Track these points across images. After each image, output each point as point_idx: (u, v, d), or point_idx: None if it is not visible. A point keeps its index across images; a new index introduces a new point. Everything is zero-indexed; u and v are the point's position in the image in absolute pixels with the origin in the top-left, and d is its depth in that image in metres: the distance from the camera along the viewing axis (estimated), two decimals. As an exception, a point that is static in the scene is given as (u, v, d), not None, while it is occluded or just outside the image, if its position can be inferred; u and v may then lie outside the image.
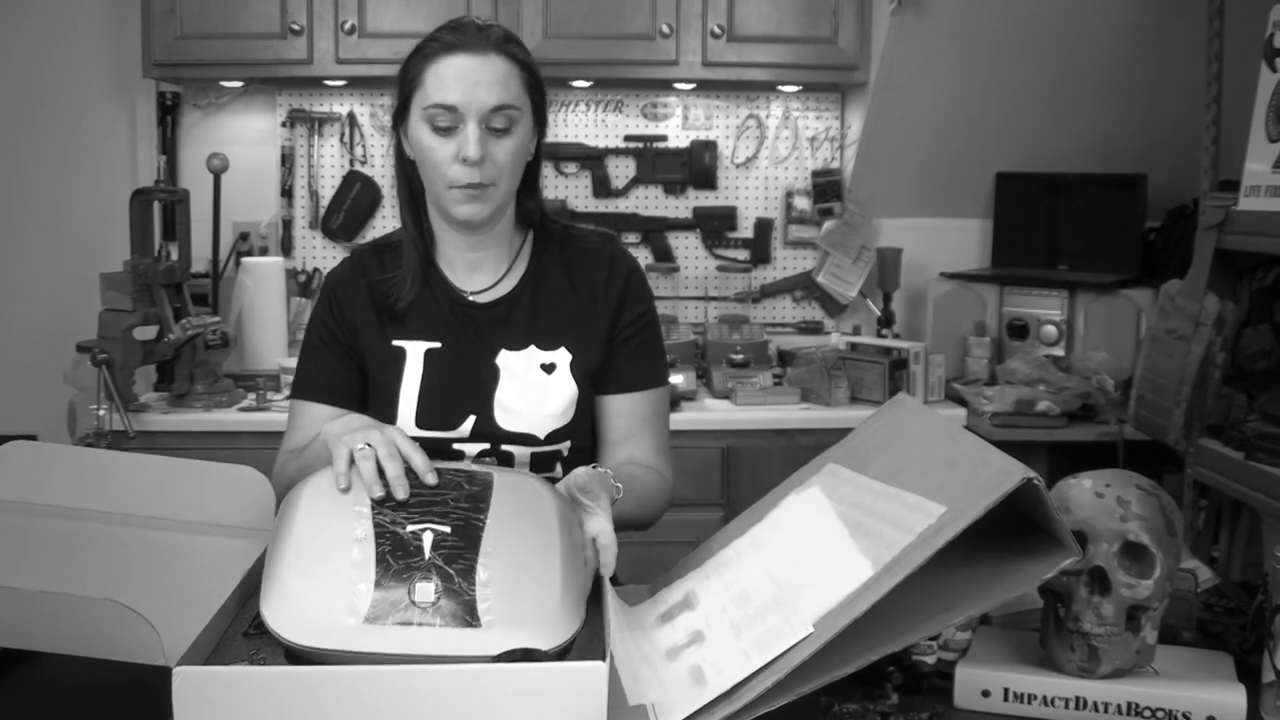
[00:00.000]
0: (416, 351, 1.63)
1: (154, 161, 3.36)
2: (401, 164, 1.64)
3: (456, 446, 1.60)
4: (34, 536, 1.40)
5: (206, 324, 2.90)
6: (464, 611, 1.14)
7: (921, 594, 1.12)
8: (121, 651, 1.12)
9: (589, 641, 1.16)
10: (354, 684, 1.06)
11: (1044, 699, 1.25)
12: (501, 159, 1.54)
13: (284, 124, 3.41)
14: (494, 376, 1.61)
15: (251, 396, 2.94)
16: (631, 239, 3.46)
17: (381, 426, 1.35)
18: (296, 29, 3.05)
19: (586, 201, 3.48)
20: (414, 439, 1.57)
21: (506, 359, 1.62)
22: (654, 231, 3.48)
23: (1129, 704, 1.22)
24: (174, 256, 3.04)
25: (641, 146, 3.46)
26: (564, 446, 1.62)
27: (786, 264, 3.55)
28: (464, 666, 1.08)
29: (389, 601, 1.13)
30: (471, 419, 1.60)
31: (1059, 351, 3.28)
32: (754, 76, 3.18)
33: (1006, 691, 1.26)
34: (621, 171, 3.49)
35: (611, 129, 3.47)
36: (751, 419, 2.96)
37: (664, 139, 3.48)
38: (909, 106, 3.29)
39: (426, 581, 1.16)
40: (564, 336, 1.63)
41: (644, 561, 1.67)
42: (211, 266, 3.19)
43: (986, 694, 1.26)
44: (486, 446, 1.60)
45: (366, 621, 1.12)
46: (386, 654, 1.10)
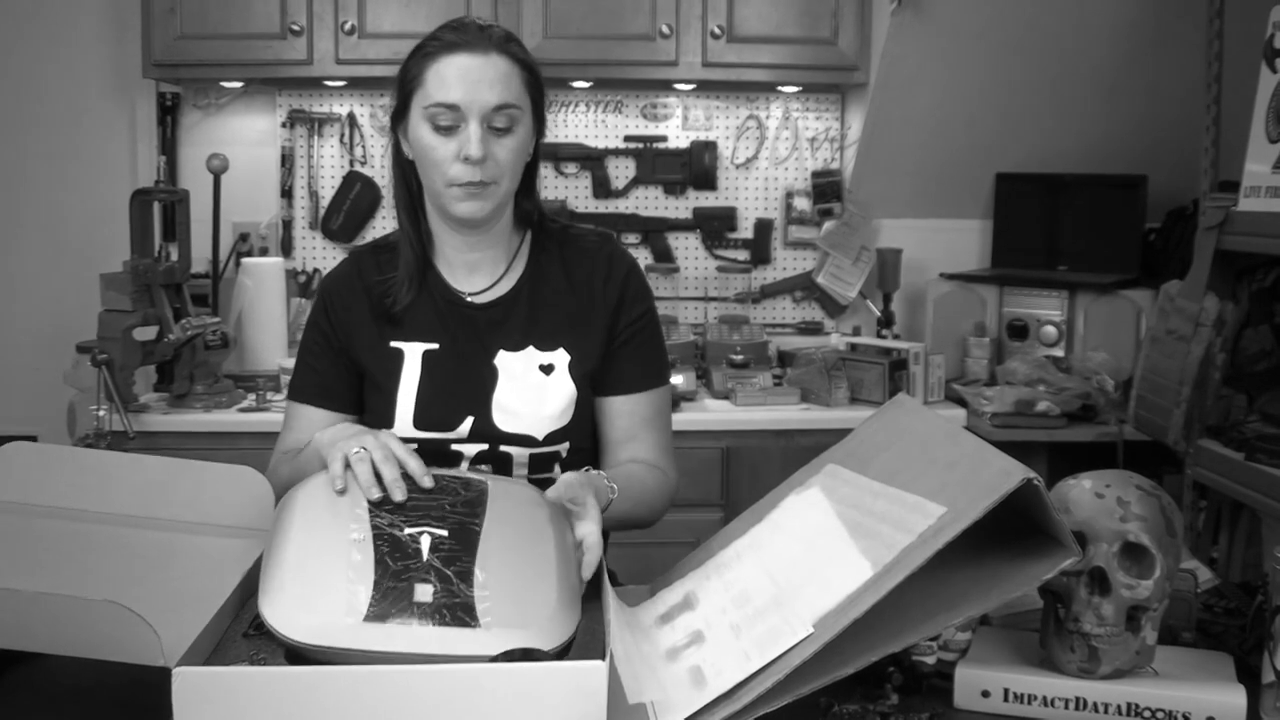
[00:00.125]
0: (414, 353, 1.63)
1: (154, 162, 3.36)
2: (399, 164, 1.64)
3: (455, 447, 1.60)
4: (33, 537, 1.40)
5: (206, 324, 2.89)
6: (463, 612, 1.14)
7: (921, 594, 1.12)
8: (121, 652, 1.12)
9: (588, 641, 1.16)
10: (354, 684, 1.06)
11: (1044, 699, 1.25)
12: (503, 158, 1.54)
13: (284, 124, 3.41)
14: (492, 377, 1.61)
15: (251, 397, 2.94)
16: (631, 239, 3.46)
17: (375, 432, 1.35)
18: (296, 29, 3.05)
19: (586, 202, 3.48)
20: (412, 440, 1.59)
21: (504, 360, 1.62)
22: (654, 232, 3.48)
23: (1129, 704, 1.22)
24: (174, 257, 3.04)
25: (641, 147, 3.46)
26: (562, 448, 1.62)
27: (786, 264, 3.55)
28: (464, 666, 1.08)
29: (388, 601, 1.14)
30: (469, 420, 1.60)
31: (1059, 352, 3.28)
32: (754, 77, 3.18)
33: (1006, 692, 1.26)
34: (621, 172, 3.49)
35: (611, 129, 3.47)
36: (751, 419, 2.96)
37: (664, 139, 3.48)
38: (909, 107, 3.29)
39: (425, 583, 1.16)
40: (562, 337, 1.63)
41: (644, 562, 1.67)
42: (211, 267, 3.19)
43: (986, 694, 1.26)
44: (485, 447, 1.60)
45: (366, 620, 1.12)
46: (387, 652, 1.10)
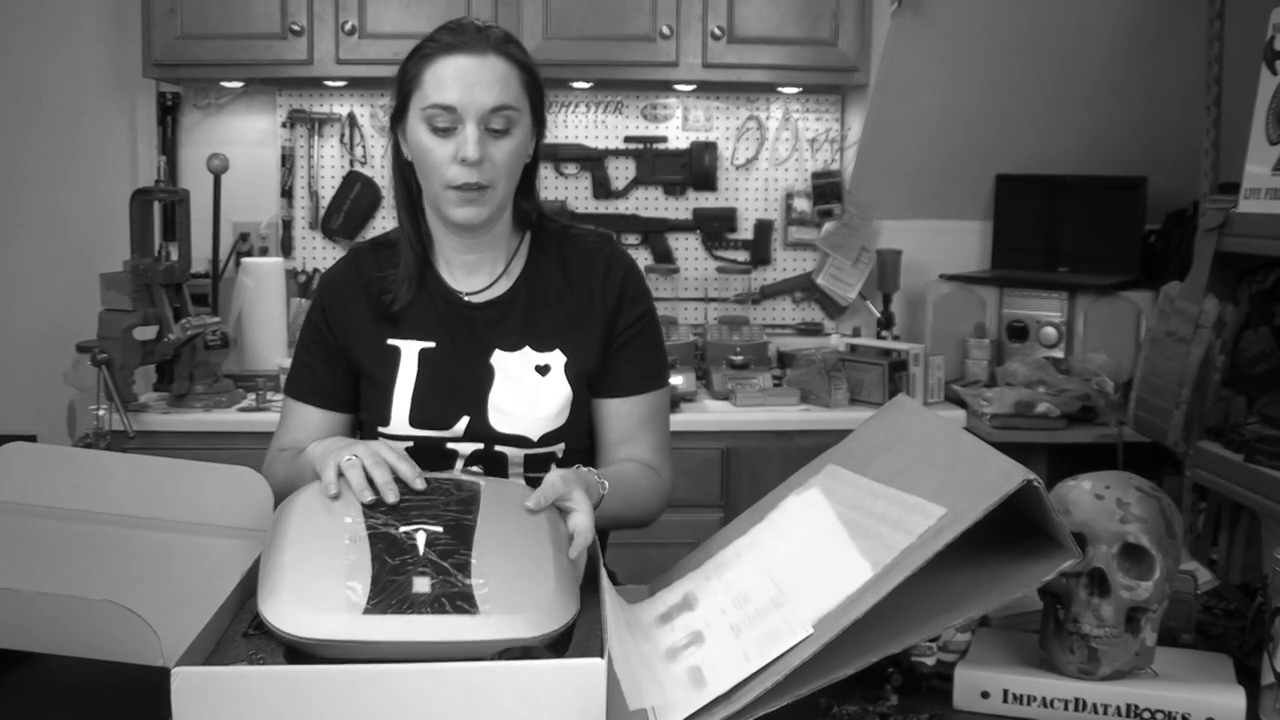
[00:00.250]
0: (411, 351, 1.63)
1: (154, 162, 3.36)
2: (399, 165, 1.63)
3: (450, 446, 1.60)
4: (33, 538, 1.40)
5: (206, 324, 2.89)
6: (462, 600, 1.14)
7: (921, 595, 1.12)
8: (120, 652, 1.12)
9: (587, 639, 1.16)
10: (353, 684, 1.06)
11: (1043, 700, 1.25)
12: (500, 160, 1.54)
13: (284, 124, 3.41)
14: (488, 377, 1.61)
15: (251, 397, 2.94)
16: (631, 240, 3.46)
17: (366, 442, 1.38)
18: (297, 29, 3.05)
19: (586, 203, 3.48)
20: (407, 438, 1.59)
21: (501, 359, 1.62)
22: (654, 233, 3.48)
23: (1128, 706, 1.22)
24: (174, 257, 3.04)
25: (641, 148, 3.46)
26: (558, 449, 1.62)
27: (786, 265, 3.55)
28: (463, 665, 1.08)
29: (387, 594, 1.14)
30: (465, 419, 1.60)
31: (1059, 353, 3.28)
32: (754, 78, 3.18)
33: (1006, 693, 1.26)
34: (621, 173, 3.49)
35: (611, 130, 3.47)
36: (751, 420, 2.96)
37: (664, 140, 3.48)
38: (909, 108, 3.29)
39: (422, 576, 1.17)
40: (559, 338, 1.63)
41: (643, 562, 1.67)
42: (211, 267, 3.19)
43: (986, 695, 1.26)
44: (480, 447, 1.60)
45: (366, 613, 1.12)
46: (388, 642, 1.10)
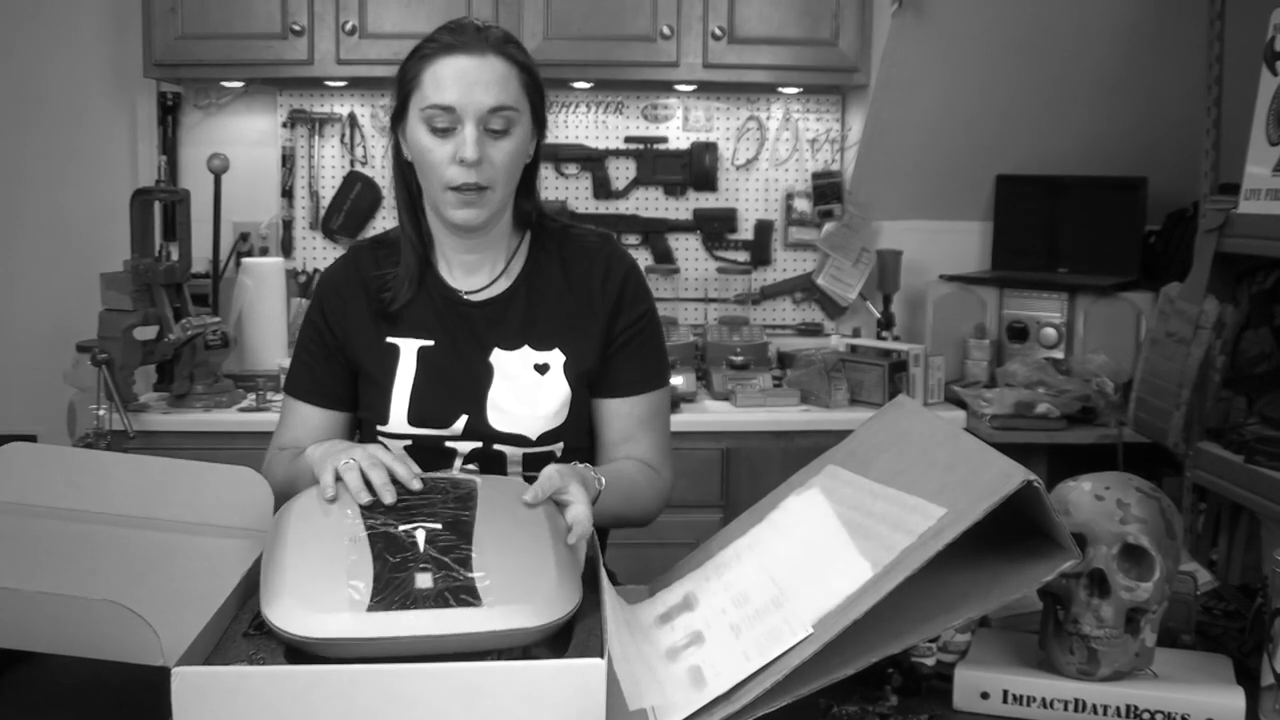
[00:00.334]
0: (410, 349, 1.63)
1: (154, 161, 3.36)
2: (399, 166, 1.63)
3: (449, 445, 1.60)
4: (33, 537, 1.40)
5: (206, 324, 2.89)
6: (465, 594, 1.15)
7: (921, 596, 1.12)
8: (121, 652, 1.12)
9: (587, 639, 1.16)
10: (353, 683, 1.06)
11: (1043, 701, 1.25)
12: (499, 160, 1.54)
13: (284, 124, 3.41)
14: (487, 375, 1.61)
15: (251, 397, 2.94)
16: (632, 240, 3.46)
17: (364, 446, 1.38)
18: (297, 29, 3.05)
19: (587, 203, 3.48)
20: (406, 436, 1.60)
21: (500, 358, 1.62)
22: (654, 233, 3.48)
23: (1128, 706, 1.22)
24: (174, 256, 3.04)
25: (642, 148, 3.46)
26: (556, 448, 1.62)
27: (786, 266, 3.55)
28: (463, 665, 1.08)
29: (390, 590, 1.14)
30: (464, 418, 1.60)
31: (1059, 354, 3.28)
32: (754, 78, 3.18)
33: (1005, 693, 1.26)
34: (622, 173, 3.49)
35: (612, 130, 3.47)
36: (751, 421, 2.96)
37: (664, 140, 3.48)
38: (909, 109, 3.29)
39: (424, 572, 1.17)
40: (559, 337, 1.63)
41: (643, 562, 1.67)
42: (212, 267, 3.19)
43: (986, 696, 1.26)
44: (478, 445, 1.60)
45: (370, 610, 1.12)
46: (392, 638, 1.10)
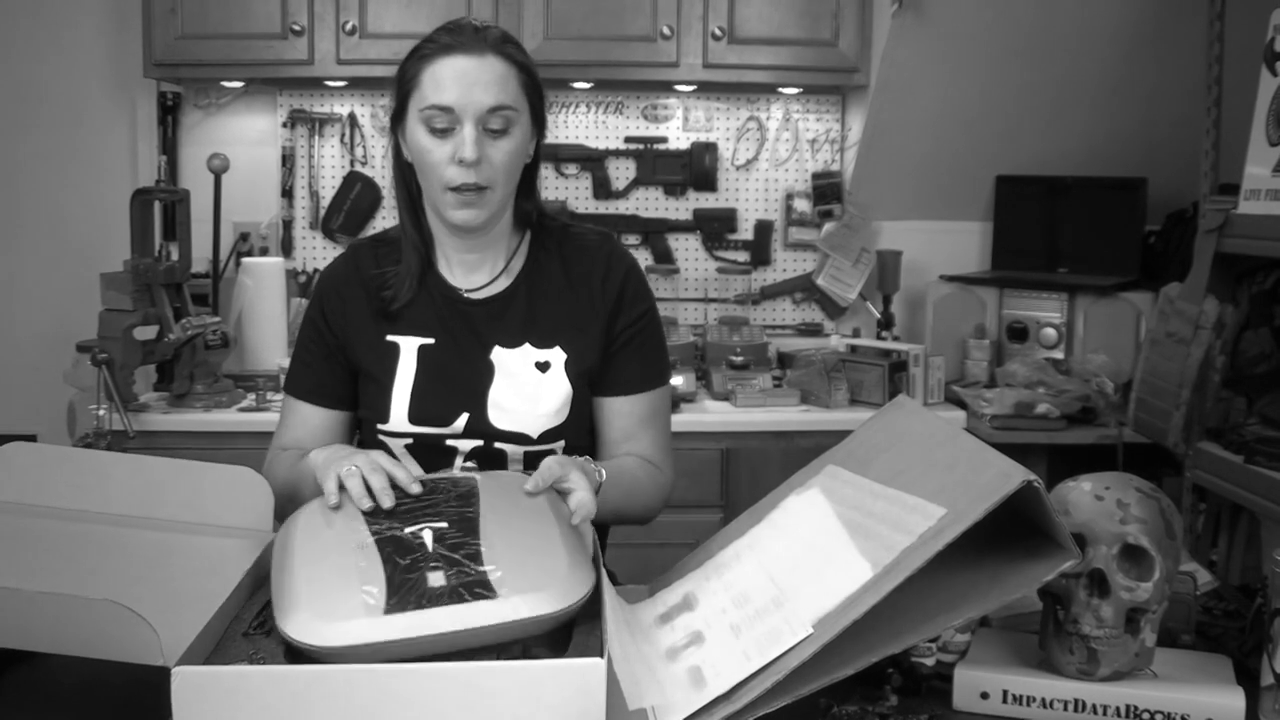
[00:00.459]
0: (410, 347, 1.63)
1: (154, 161, 3.36)
2: (400, 167, 1.63)
3: (449, 443, 1.60)
4: (33, 537, 1.40)
5: (206, 324, 2.89)
6: (479, 587, 1.15)
7: (921, 596, 1.12)
8: (121, 652, 1.12)
9: (587, 639, 1.16)
10: (353, 683, 1.06)
11: (1043, 701, 1.25)
12: (498, 160, 1.54)
13: (284, 124, 3.41)
14: (488, 373, 1.61)
15: (251, 397, 2.94)
16: (632, 240, 3.46)
17: (366, 451, 1.39)
18: (297, 29, 3.05)
19: (587, 203, 3.48)
20: (407, 435, 1.60)
21: (501, 356, 1.62)
22: (654, 233, 3.48)
23: (1128, 706, 1.22)
24: (174, 256, 3.04)
25: (642, 148, 3.46)
26: (557, 446, 1.62)
27: (786, 266, 3.55)
28: (463, 665, 1.08)
29: (404, 592, 1.14)
30: (464, 416, 1.60)
31: (1058, 354, 3.28)
32: (754, 78, 3.18)
33: (1005, 693, 1.26)
34: (622, 173, 3.49)
35: (612, 130, 3.47)
36: (751, 421, 2.96)
37: (664, 141, 3.48)
38: (909, 109, 3.29)
39: (436, 570, 1.17)
40: (559, 335, 1.63)
41: (643, 562, 1.67)
42: (212, 267, 3.19)
43: (985, 696, 1.26)
44: (479, 444, 1.60)
45: (387, 614, 1.12)
46: (412, 638, 1.10)
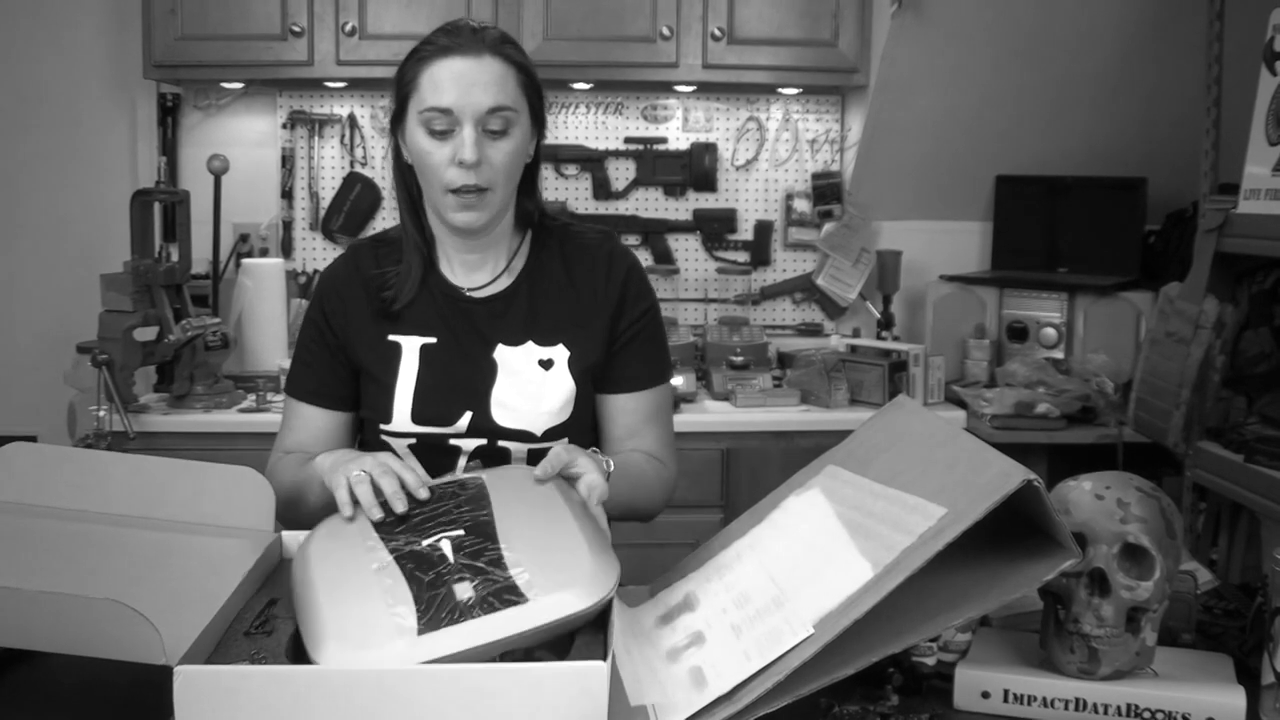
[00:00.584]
0: (412, 346, 1.63)
1: (154, 162, 3.36)
2: (400, 168, 1.63)
3: (453, 442, 1.60)
4: (34, 537, 1.40)
5: (206, 325, 2.89)
6: (508, 594, 1.15)
7: (921, 595, 1.12)
8: (122, 651, 1.12)
9: (589, 641, 1.16)
10: (355, 684, 1.06)
11: (1044, 700, 1.25)
12: (498, 161, 1.54)
13: (284, 125, 3.41)
14: (491, 372, 1.61)
15: (251, 398, 2.94)
16: (632, 241, 3.46)
17: (374, 454, 1.39)
18: (297, 30, 3.05)
19: (586, 203, 3.48)
20: (410, 434, 1.60)
21: (504, 354, 1.62)
22: (654, 233, 3.48)
23: (1128, 705, 1.22)
24: (174, 257, 3.04)
25: (642, 148, 3.47)
26: (561, 444, 1.62)
27: (786, 266, 3.56)
28: (466, 667, 1.08)
29: (434, 609, 1.14)
30: (468, 415, 1.60)
31: (1058, 354, 3.28)
32: (754, 79, 3.19)
33: (1006, 693, 1.26)
34: (621, 173, 3.49)
35: (612, 131, 3.47)
36: (751, 421, 2.96)
37: (664, 141, 3.48)
38: (909, 109, 3.29)
39: (462, 582, 1.17)
40: (562, 333, 1.63)
41: (644, 563, 1.67)
42: (212, 268, 3.19)
43: (986, 695, 1.26)
44: (483, 443, 1.60)
45: (421, 635, 1.11)
46: (450, 655, 1.10)
